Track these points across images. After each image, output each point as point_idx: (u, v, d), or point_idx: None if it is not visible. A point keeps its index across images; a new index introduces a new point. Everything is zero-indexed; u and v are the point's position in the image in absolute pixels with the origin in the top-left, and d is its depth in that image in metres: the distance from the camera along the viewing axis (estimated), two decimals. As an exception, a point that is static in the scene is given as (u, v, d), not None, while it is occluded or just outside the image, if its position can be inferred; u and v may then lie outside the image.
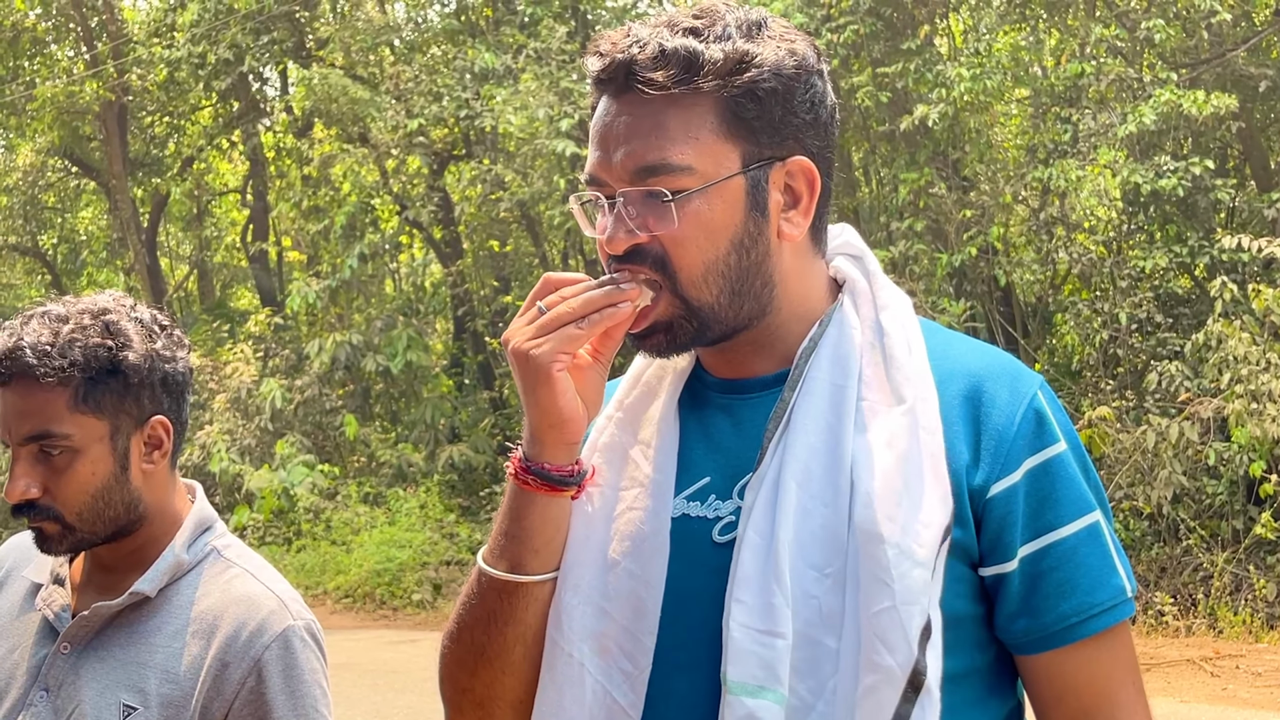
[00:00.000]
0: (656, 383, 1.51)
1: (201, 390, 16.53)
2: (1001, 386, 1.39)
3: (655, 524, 1.42)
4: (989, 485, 1.36)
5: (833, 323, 1.42)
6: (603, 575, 1.43)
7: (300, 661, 1.78)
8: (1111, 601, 1.37)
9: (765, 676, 1.30)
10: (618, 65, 1.38)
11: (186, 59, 16.75)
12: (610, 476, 1.47)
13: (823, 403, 1.38)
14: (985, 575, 1.37)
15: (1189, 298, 12.03)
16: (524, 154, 14.36)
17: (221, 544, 1.89)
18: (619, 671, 1.40)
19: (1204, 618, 9.36)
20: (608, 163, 1.38)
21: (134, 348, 1.79)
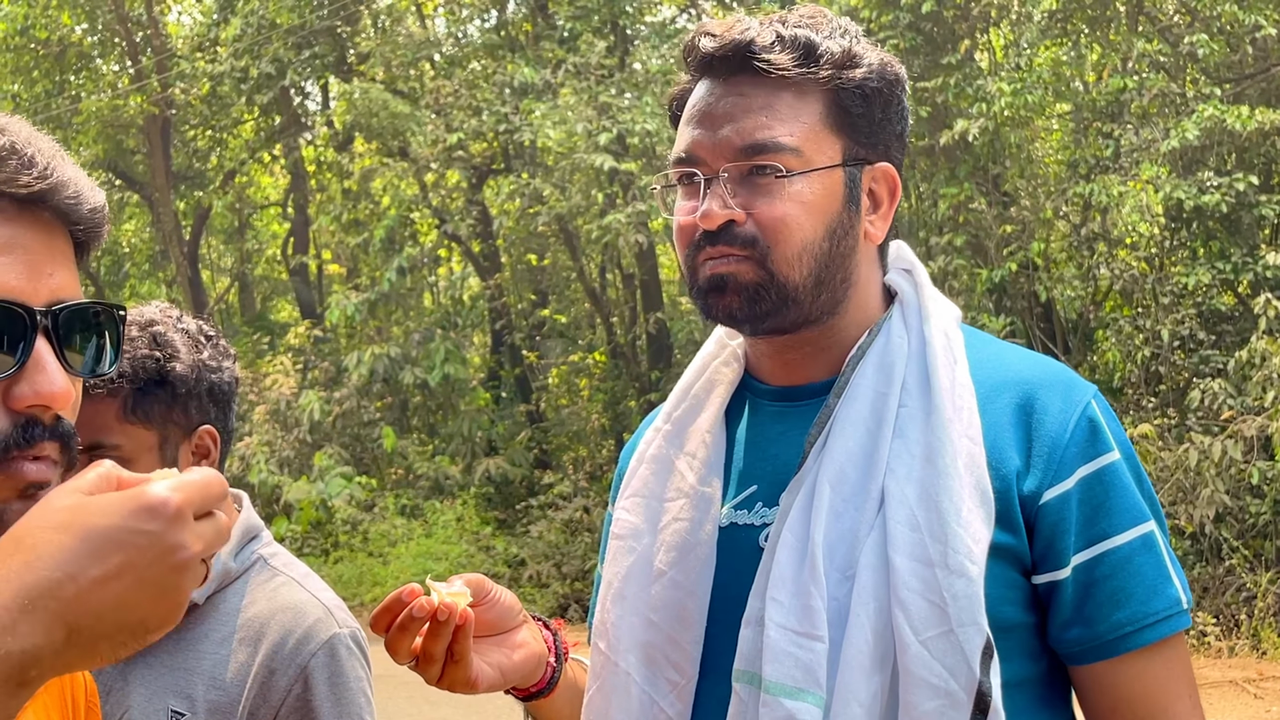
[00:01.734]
0: (705, 395, 1.52)
1: (241, 402, 16.60)
2: (1054, 395, 1.39)
3: (700, 535, 1.43)
4: (1041, 492, 1.35)
5: (881, 332, 1.44)
6: (649, 586, 1.44)
7: (346, 669, 1.79)
8: (1166, 612, 1.36)
9: (804, 679, 1.30)
10: (735, 45, 1.40)
11: (229, 73, 16.91)
12: (656, 488, 1.49)
13: (864, 409, 1.39)
14: (1038, 583, 1.37)
15: (1232, 314, 11.91)
16: (562, 168, 14.40)
17: (268, 552, 1.90)
18: (665, 681, 1.42)
19: (1247, 638, 9.24)
20: (710, 140, 1.40)
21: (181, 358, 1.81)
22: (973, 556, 1.30)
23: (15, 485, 1.00)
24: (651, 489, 1.49)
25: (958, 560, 1.29)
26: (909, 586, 1.29)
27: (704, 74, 1.43)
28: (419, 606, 1.31)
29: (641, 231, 13.66)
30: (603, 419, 16.56)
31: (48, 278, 0.99)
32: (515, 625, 1.43)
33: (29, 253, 0.98)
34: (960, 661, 1.27)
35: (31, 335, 0.98)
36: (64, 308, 1.00)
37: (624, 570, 1.47)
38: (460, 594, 1.35)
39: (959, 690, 1.27)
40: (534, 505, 14.48)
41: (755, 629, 1.35)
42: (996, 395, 1.40)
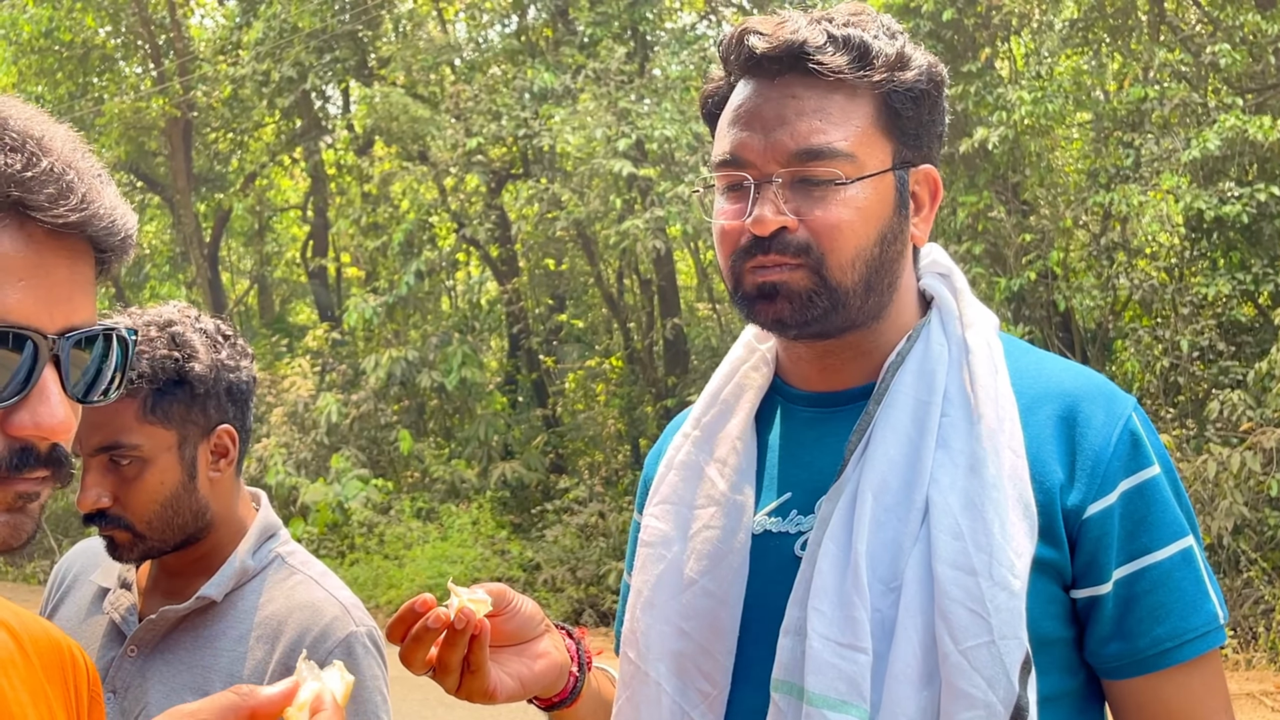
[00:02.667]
0: (734, 400, 1.50)
1: (259, 403, 16.67)
2: (1097, 407, 1.38)
3: (733, 543, 1.41)
4: (1085, 506, 1.34)
5: (920, 338, 1.42)
6: (679, 595, 1.42)
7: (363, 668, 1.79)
8: (1206, 628, 1.35)
9: (848, 691, 1.28)
10: (788, 45, 1.37)
11: (251, 76, 16.98)
12: (686, 494, 1.47)
13: (905, 416, 1.37)
14: (1078, 597, 1.36)
15: (1252, 326, 11.86)
16: (581, 174, 14.42)
17: (285, 551, 1.91)
18: (696, 691, 1.40)
19: (1265, 651, 9.19)
20: (760, 143, 1.36)
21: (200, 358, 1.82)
22: (1015, 570, 1.29)
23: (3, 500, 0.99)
24: (681, 495, 1.47)
25: (1001, 572, 1.28)
26: (951, 596, 1.28)
27: (749, 74, 1.39)
28: (435, 618, 1.28)
29: (659, 237, 13.65)
30: (619, 424, 16.55)
31: (65, 303, 0.98)
32: (537, 635, 1.40)
33: (51, 280, 0.97)
34: (1000, 674, 1.26)
35: (40, 365, 0.97)
36: (77, 335, 0.99)
37: (654, 578, 1.45)
38: (480, 601, 1.33)
39: (997, 703, 1.26)
40: (549, 510, 14.48)
41: (795, 638, 1.33)
42: (1038, 406, 1.38)
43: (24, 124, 0.97)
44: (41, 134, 0.98)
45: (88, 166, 1.00)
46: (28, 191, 0.94)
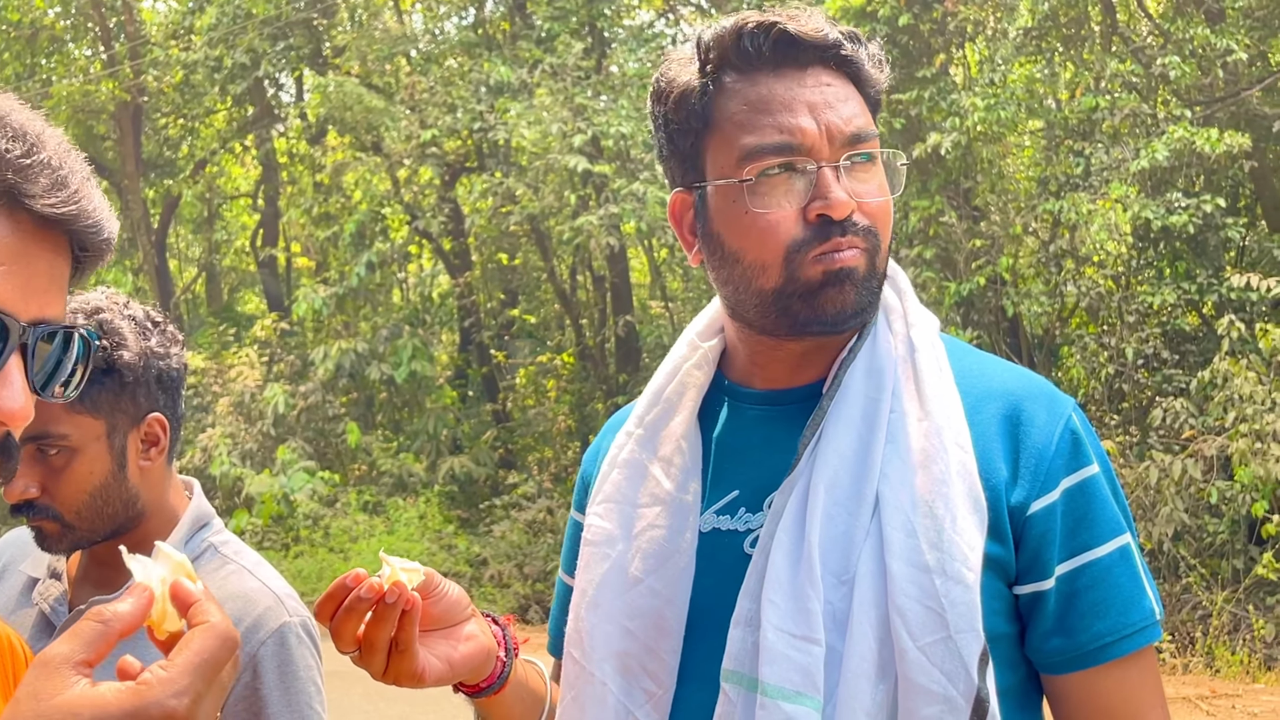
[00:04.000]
0: (677, 398, 1.50)
1: (205, 393, 16.53)
2: (1039, 407, 1.40)
3: (680, 542, 1.41)
4: (1029, 503, 1.36)
5: (869, 336, 1.42)
6: (624, 594, 1.42)
7: (296, 658, 1.77)
8: (1144, 623, 1.38)
9: (802, 683, 1.29)
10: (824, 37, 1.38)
11: (203, 62, 16.82)
12: (629, 493, 1.46)
13: (856, 413, 1.38)
14: (1020, 594, 1.37)
15: (1196, 335, 12.01)
16: (536, 168, 14.38)
17: (218, 540, 1.88)
18: (642, 691, 1.40)
19: (1201, 656, 9.32)
20: (815, 129, 1.36)
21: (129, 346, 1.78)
22: (969, 564, 1.30)
23: None
24: (625, 494, 1.46)
25: (955, 567, 1.30)
26: (906, 593, 1.29)
27: (776, 66, 1.38)
28: (368, 587, 1.26)
29: (613, 234, 13.65)
30: (569, 420, 16.53)
31: (40, 295, 0.99)
32: (463, 619, 1.39)
33: (32, 269, 0.98)
34: (959, 668, 1.28)
35: (9, 350, 0.97)
36: (46, 328, 1.00)
37: (598, 577, 1.44)
38: (413, 570, 1.30)
39: (957, 696, 1.27)
40: (497, 505, 14.44)
41: (746, 629, 1.33)
42: (982, 405, 1.40)
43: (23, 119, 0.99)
44: (40, 130, 1.00)
45: (79, 167, 1.02)
46: (25, 179, 0.96)
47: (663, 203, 13.45)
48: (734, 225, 1.38)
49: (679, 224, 1.47)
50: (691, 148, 1.42)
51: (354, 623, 1.28)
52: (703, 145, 1.41)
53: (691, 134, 1.41)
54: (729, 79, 1.39)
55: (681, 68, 1.43)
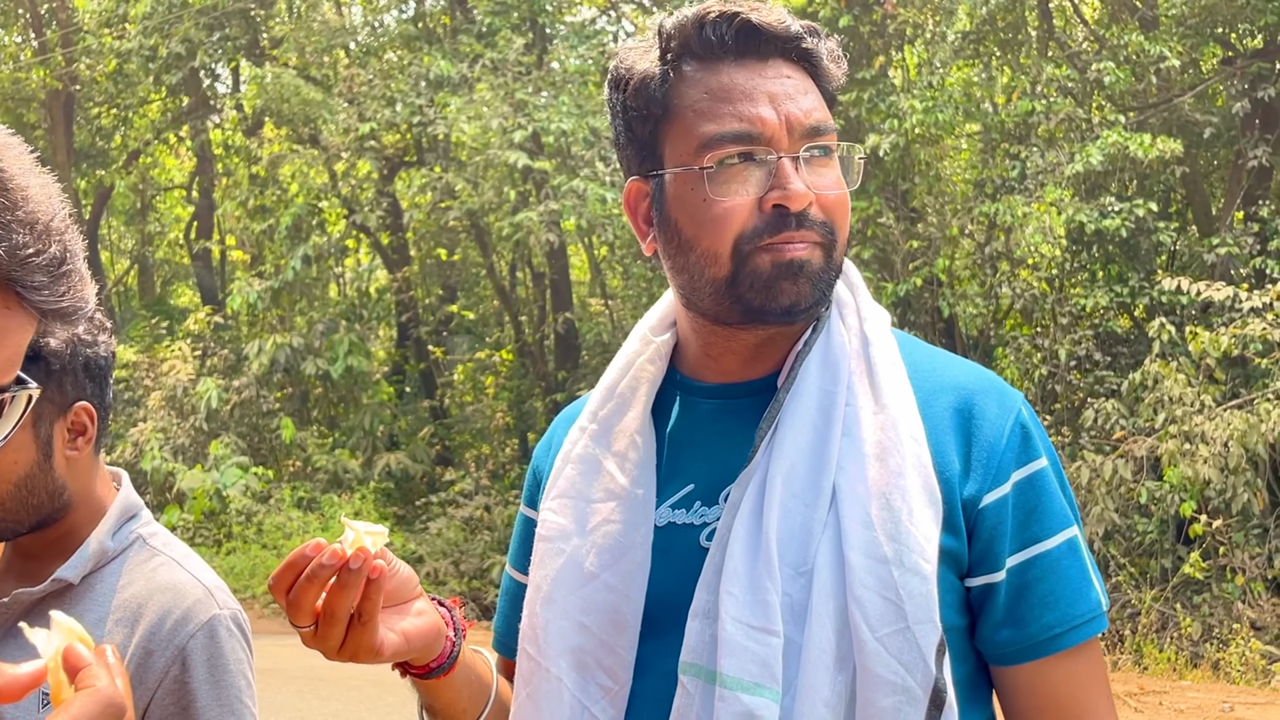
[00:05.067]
0: (630, 394, 1.49)
1: (136, 387, 16.29)
2: (990, 400, 1.41)
3: (636, 537, 1.40)
4: (981, 496, 1.37)
5: (823, 330, 1.43)
6: (579, 589, 1.41)
7: (225, 651, 1.73)
8: (1092, 614, 1.39)
9: (761, 674, 1.29)
10: (786, 29, 1.39)
11: (137, 51, 16.54)
12: (584, 488, 1.45)
13: (812, 405, 1.38)
14: (972, 586, 1.39)
15: (1128, 337, 12.20)
16: (476, 164, 14.31)
17: (147, 532, 1.84)
18: (597, 687, 1.38)
19: (1130, 654, 9.46)
20: (775, 119, 1.36)
21: (55, 333, 1.74)
22: (925, 555, 1.31)
23: None
24: (579, 489, 1.45)
25: (912, 559, 1.31)
26: (864, 584, 1.30)
27: (738, 56, 1.38)
28: (330, 554, 1.22)
29: (554, 231, 13.61)
30: (507, 417, 16.48)
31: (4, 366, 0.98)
32: (412, 597, 1.38)
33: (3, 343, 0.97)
34: (917, 658, 1.29)
35: None
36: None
37: (553, 573, 1.43)
38: (378, 534, 1.26)
39: (915, 687, 1.29)
40: (434, 502, 14.36)
41: (704, 621, 1.33)
42: (934, 399, 1.41)
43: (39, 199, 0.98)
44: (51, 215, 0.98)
45: (77, 247, 1.00)
46: (28, 273, 0.96)
47: (603, 200, 13.43)
48: (691, 213, 1.38)
49: (633, 212, 1.45)
50: (650, 135, 1.41)
51: (314, 593, 1.24)
52: (661, 133, 1.40)
53: (650, 121, 1.41)
54: (689, 67, 1.39)
55: (641, 55, 1.42)
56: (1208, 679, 8.94)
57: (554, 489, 1.48)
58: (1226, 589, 9.71)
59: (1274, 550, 9.77)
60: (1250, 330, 9.62)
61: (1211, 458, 9.26)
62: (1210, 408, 9.60)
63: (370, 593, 1.25)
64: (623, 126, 1.44)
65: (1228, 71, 12.21)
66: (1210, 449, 9.28)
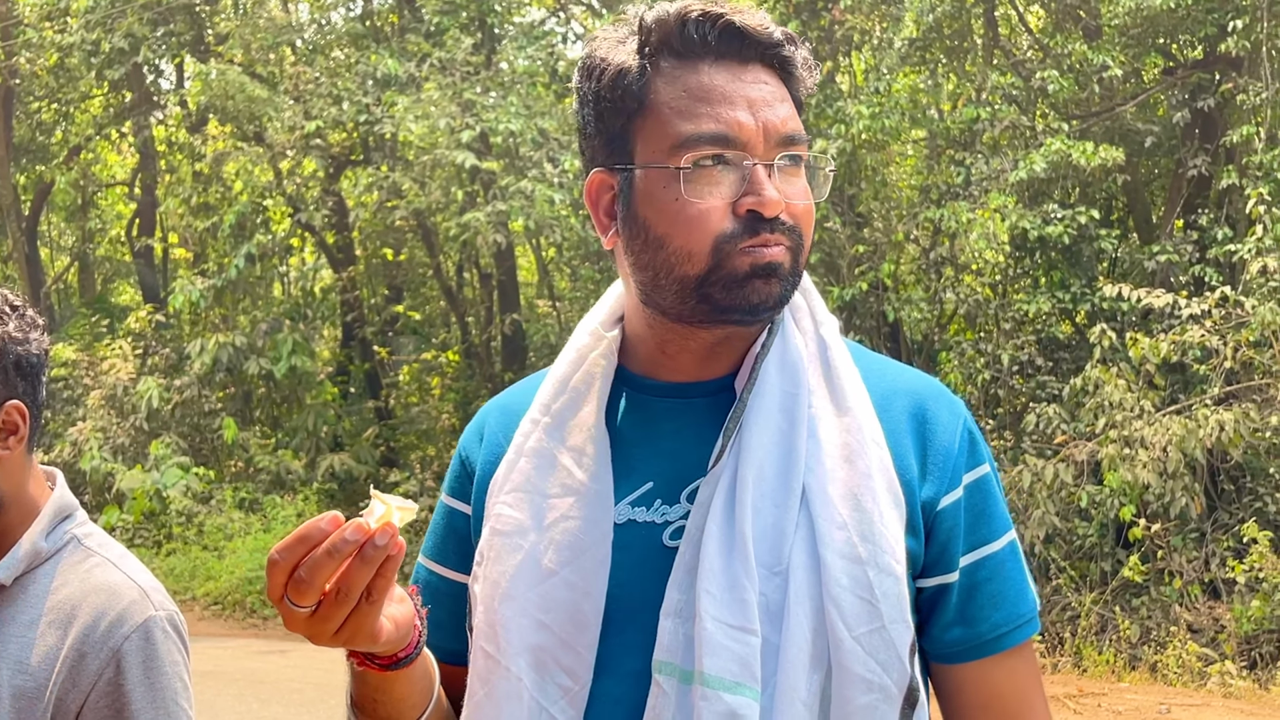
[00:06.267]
0: (585, 388, 1.47)
1: (76, 386, 16.07)
2: (941, 406, 1.45)
3: (597, 534, 1.39)
4: (939, 499, 1.41)
5: (779, 333, 1.44)
6: (538, 586, 1.38)
7: (161, 653, 1.71)
8: (1031, 613, 1.45)
9: (741, 673, 1.30)
10: (769, 34, 1.38)
11: (79, 45, 16.30)
12: (539, 483, 1.43)
13: (774, 406, 1.39)
14: (924, 587, 1.42)
15: (1069, 343, 12.34)
16: (423, 163, 14.24)
17: (82, 532, 1.81)
18: (556, 687, 1.36)
19: (1070, 656, 9.57)
20: (753, 125, 1.36)
21: None
22: (896, 556, 1.34)
23: None
24: (534, 484, 1.42)
25: (885, 560, 1.34)
26: (840, 584, 1.32)
27: (718, 57, 1.37)
28: (355, 528, 1.17)
29: (501, 231, 13.57)
30: (453, 419, 16.40)
31: None
32: None
33: None
34: (893, 657, 1.33)
35: None
36: None
37: (511, 569, 1.40)
38: (408, 509, 1.21)
39: (891, 685, 1.32)
40: (378, 503, 14.25)
41: (678, 621, 1.33)
42: (889, 403, 1.44)
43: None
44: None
45: None
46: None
47: (551, 201, 13.41)
48: (662, 211, 1.37)
49: (594, 204, 1.44)
50: (621, 129, 1.40)
51: (331, 569, 1.18)
52: (634, 127, 1.39)
53: (623, 115, 1.39)
54: (667, 64, 1.38)
55: (616, 46, 1.41)
56: (1145, 681, 9.06)
57: (507, 483, 1.45)
58: (1165, 592, 9.85)
59: (1211, 554, 9.92)
60: (1189, 337, 9.75)
61: (1151, 462, 9.38)
62: (1150, 413, 9.72)
63: (386, 570, 1.21)
64: (592, 117, 1.42)
65: (1169, 81, 12.39)
66: (1149, 454, 9.41)
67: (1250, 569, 9.26)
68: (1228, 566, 9.63)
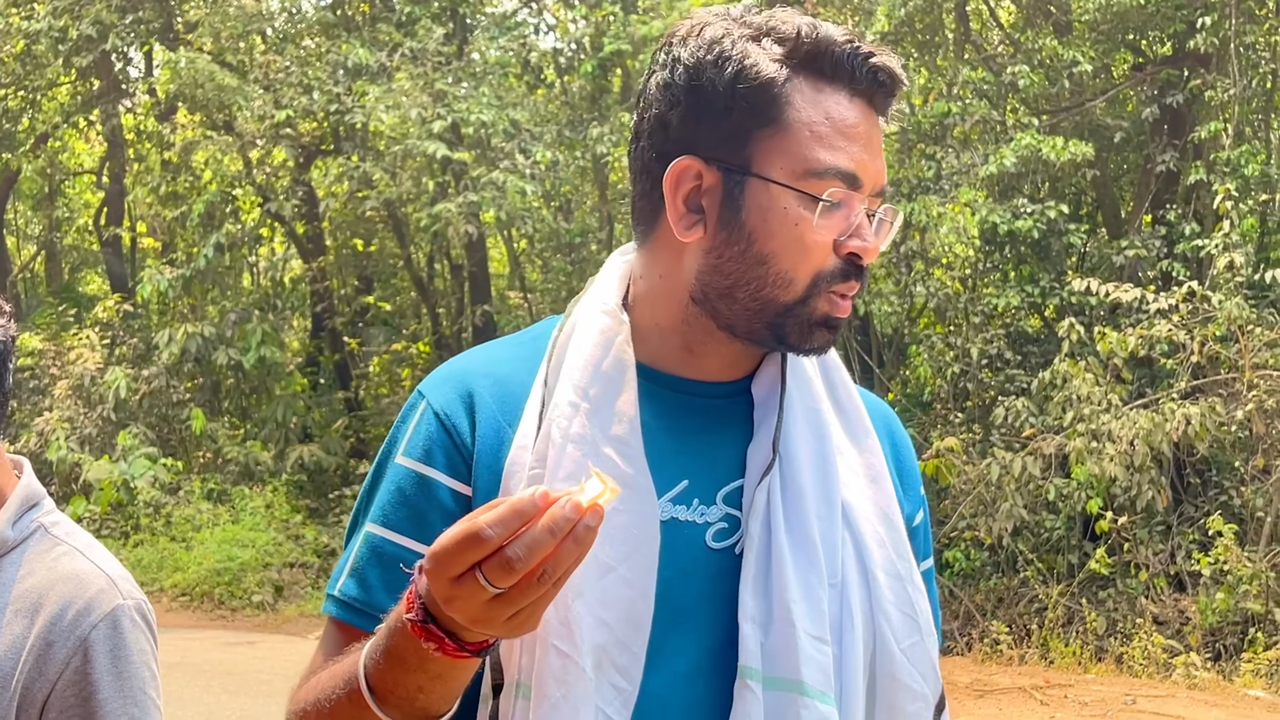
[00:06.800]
0: (618, 376, 1.39)
1: (42, 375, 15.93)
2: (902, 429, 1.55)
3: (647, 531, 1.33)
4: (914, 516, 1.50)
5: None
6: (599, 581, 1.31)
7: (129, 642, 1.69)
8: (939, 628, 1.52)
9: (825, 683, 1.33)
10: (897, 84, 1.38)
11: (46, 32, 16.13)
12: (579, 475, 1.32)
13: (801, 418, 1.42)
14: None
15: (1038, 337, 12.41)
16: (394, 153, 14.17)
17: (49, 521, 1.79)
18: (611, 687, 1.30)
19: (1037, 648, 9.63)
20: (870, 171, 1.36)
21: None
22: (918, 572, 1.44)
23: None
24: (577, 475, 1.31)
25: (915, 577, 1.42)
26: (888, 599, 1.38)
27: (852, 93, 1.35)
28: (574, 506, 1.08)
29: (472, 222, 13.53)
30: (423, 410, 16.31)
31: None
32: None
33: None
34: (929, 668, 1.40)
35: None
36: None
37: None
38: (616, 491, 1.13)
39: (929, 694, 1.40)
40: (348, 495, 14.21)
41: (757, 627, 1.32)
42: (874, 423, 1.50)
43: None
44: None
45: None
46: None
47: (523, 192, 13.38)
48: (775, 231, 1.33)
49: (674, 189, 1.36)
50: (741, 129, 1.34)
51: (549, 547, 1.08)
52: (760, 135, 1.34)
53: (750, 117, 1.34)
54: (807, 83, 1.34)
55: (753, 44, 1.35)
56: (1111, 672, 9.13)
57: (560, 469, 1.33)
58: (1131, 585, 9.93)
59: (1176, 547, 10.01)
60: (1156, 331, 9.83)
61: (1118, 456, 9.45)
62: (1117, 407, 9.79)
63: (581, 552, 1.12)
64: (695, 102, 1.35)
65: (1138, 77, 12.47)
66: (1116, 447, 9.48)
67: (1215, 562, 9.35)
68: (1193, 559, 9.72)
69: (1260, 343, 9.77)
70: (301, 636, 11.50)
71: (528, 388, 1.41)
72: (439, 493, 1.38)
